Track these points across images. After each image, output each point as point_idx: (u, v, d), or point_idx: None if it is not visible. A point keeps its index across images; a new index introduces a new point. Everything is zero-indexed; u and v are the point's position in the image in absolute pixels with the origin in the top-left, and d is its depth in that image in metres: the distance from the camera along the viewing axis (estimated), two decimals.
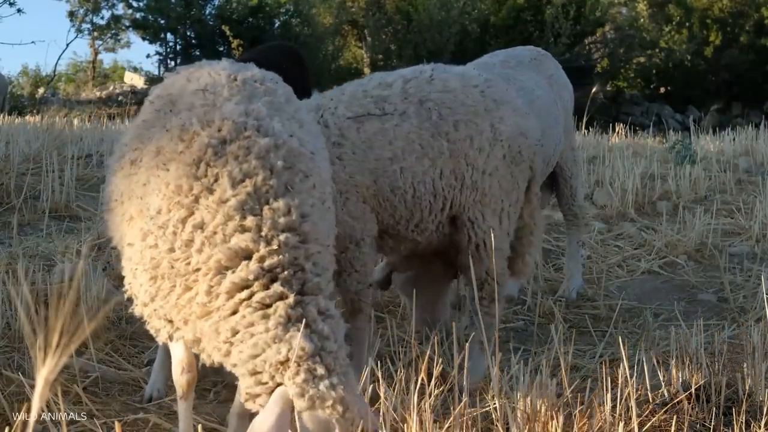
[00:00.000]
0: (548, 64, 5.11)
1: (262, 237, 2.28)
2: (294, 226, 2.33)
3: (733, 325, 4.61)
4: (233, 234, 2.28)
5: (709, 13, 23.09)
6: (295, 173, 2.43)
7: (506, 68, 4.75)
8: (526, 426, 2.66)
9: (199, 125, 2.44)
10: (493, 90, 3.72)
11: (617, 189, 7.43)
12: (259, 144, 2.40)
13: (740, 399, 3.03)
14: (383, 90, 3.58)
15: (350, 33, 24.63)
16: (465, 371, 2.70)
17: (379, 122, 3.47)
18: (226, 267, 2.28)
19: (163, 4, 23.06)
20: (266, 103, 2.59)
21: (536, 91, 4.74)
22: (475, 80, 3.73)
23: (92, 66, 28.23)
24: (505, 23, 21.47)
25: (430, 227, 3.59)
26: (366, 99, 3.54)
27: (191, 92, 2.63)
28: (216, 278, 2.27)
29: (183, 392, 2.74)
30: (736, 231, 6.68)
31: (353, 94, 3.57)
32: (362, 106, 3.51)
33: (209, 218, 2.30)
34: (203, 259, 2.29)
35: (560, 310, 4.84)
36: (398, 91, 3.56)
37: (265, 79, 2.78)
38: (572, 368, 3.85)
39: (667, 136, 12.57)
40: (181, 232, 2.32)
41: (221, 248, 2.27)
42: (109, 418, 3.14)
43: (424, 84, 3.61)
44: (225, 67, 2.77)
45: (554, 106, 4.89)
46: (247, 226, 2.28)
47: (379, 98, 3.54)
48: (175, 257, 2.33)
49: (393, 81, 3.63)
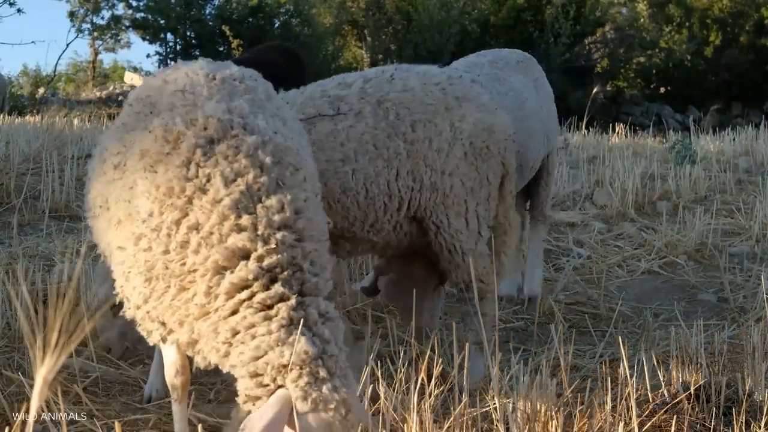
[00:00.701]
0: (534, 69, 5.10)
1: (259, 236, 2.28)
2: (289, 223, 2.33)
3: (733, 325, 4.61)
4: (230, 234, 2.28)
5: (709, 13, 23.10)
6: (285, 167, 2.43)
7: (494, 68, 4.73)
8: (526, 426, 2.65)
9: (183, 125, 2.43)
10: (455, 87, 3.64)
11: (617, 189, 7.43)
12: (247, 142, 2.39)
13: (740, 399, 3.02)
14: (341, 90, 3.55)
15: (350, 33, 24.64)
16: (465, 371, 2.70)
17: (331, 123, 3.42)
18: (224, 267, 2.27)
19: (163, 4, 23.07)
20: (248, 101, 2.59)
21: (524, 93, 4.72)
22: (437, 78, 3.65)
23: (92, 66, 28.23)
24: (505, 23, 21.48)
25: (386, 227, 3.53)
26: (322, 99, 3.51)
27: (170, 93, 2.61)
28: (215, 279, 2.27)
29: (177, 395, 2.74)
30: (736, 231, 6.68)
31: (311, 95, 3.55)
32: (316, 107, 3.48)
33: (204, 219, 2.30)
34: (200, 260, 2.29)
35: (560, 309, 4.84)
36: (356, 90, 3.52)
37: (245, 77, 2.78)
38: (572, 368, 3.84)
39: (667, 136, 12.57)
40: (175, 233, 2.32)
41: (218, 248, 2.27)
42: (109, 418, 3.14)
43: (384, 84, 3.55)
44: (202, 67, 2.76)
45: (540, 109, 4.86)
46: (243, 225, 2.28)
47: (336, 98, 3.50)
48: (170, 258, 2.33)
49: (353, 81, 3.59)
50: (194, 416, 3.13)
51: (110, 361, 3.76)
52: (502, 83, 4.60)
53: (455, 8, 21.11)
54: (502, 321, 4.76)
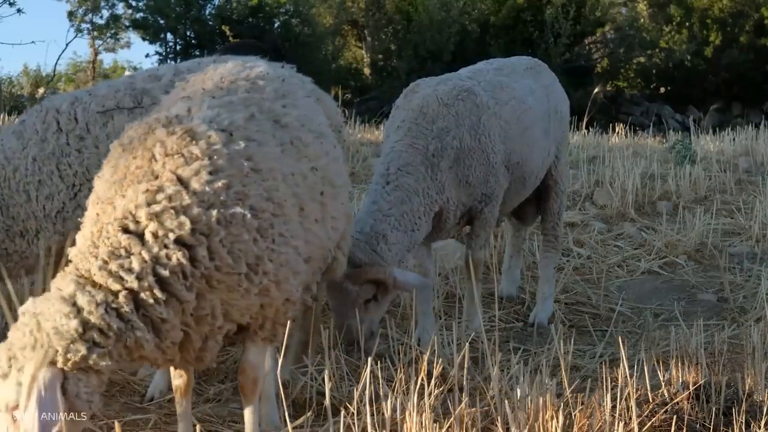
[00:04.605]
0: (545, 75, 5.07)
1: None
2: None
3: (733, 325, 4.61)
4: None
5: (709, 13, 23.06)
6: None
7: (500, 76, 4.70)
8: (526, 426, 2.65)
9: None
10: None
11: (617, 189, 7.43)
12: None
13: (740, 399, 3.02)
14: (149, 83, 3.57)
15: (350, 33, 24.60)
16: (465, 372, 2.70)
17: (131, 116, 3.42)
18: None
19: (162, 4, 23.03)
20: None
21: (528, 100, 4.67)
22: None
23: (92, 66, 28.19)
24: (505, 23, 21.44)
25: None
26: (126, 92, 3.54)
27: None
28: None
29: (179, 396, 2.77)
30: (736, 231, 6.68)
31: (115, 87, 3.59)
32: (116, 99, 3.52)
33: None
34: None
35: (560, 309, 4.84)
36: (165, 83, 3.52)
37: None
38: (572, 368, 3.85)
39: (667, 136, 12.56)
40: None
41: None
42: (109, 418, 3.14)
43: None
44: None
45: (545, 117, 4.81)
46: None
47: (142, 91, 3.53)
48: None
49: (164, 73, 3.61)
50: (194, 416, 3.13)
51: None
52: (505, 91, 4.56)
53: (455, 8, 21.08)
54: (502, 321, 4.76)
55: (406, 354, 3.72)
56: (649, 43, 23.14)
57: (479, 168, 4.29)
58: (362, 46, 24.12)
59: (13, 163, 3.46)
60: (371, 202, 4.11)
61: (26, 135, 3.50)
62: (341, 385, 3.45)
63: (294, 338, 3.57)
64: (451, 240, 5.45)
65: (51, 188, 3.43)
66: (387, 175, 4.15)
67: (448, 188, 4.22)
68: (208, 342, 2.50)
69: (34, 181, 3.44)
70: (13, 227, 3.45)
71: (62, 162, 3.44)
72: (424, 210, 4.14)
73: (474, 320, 4.34)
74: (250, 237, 2.45)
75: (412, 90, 4.49)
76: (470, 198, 4.33)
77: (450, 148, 4.21)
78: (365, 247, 3.93)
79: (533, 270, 5.53)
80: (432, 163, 4.17)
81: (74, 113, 3.50)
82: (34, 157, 3.45)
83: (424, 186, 4.14)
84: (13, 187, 3.44)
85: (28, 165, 3.44)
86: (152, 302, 2.33)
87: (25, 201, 3.44)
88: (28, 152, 3.46)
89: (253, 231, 2.46)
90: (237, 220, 2.43)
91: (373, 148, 9.04)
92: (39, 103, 3.70)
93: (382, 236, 3.99)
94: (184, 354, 2.49)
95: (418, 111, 4.29)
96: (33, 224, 3.46)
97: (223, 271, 2.41)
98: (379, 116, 12.55)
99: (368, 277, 3.88)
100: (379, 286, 3.93)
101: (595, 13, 22.40)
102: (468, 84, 4.45)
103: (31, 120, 3.54)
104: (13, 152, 3.47)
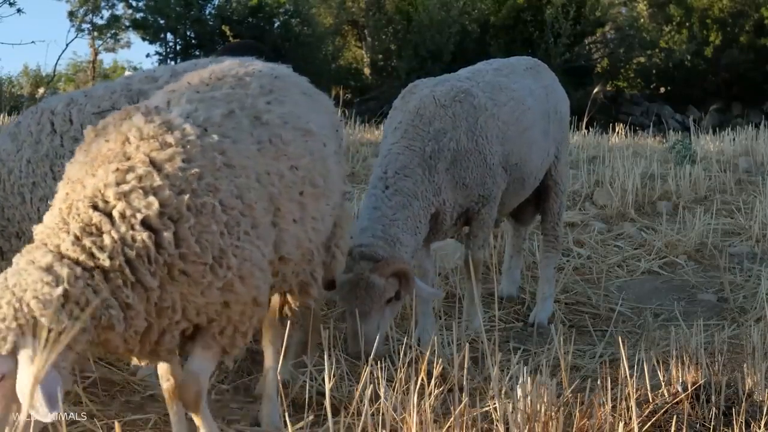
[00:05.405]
0: (545, 75, 5.05)
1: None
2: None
3: (733, 325, 4.62)
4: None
5: (709, 13, 23.06)
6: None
7: (499, 76, 4.68)
8: (526, 426, 2.65)
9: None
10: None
11: (617, 189, 7.43)
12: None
13: (740, 399, 3.02)
14: (145, 84, 3.55)
15: (350, 33, 24.59)
16: (465, 372, 2.70)
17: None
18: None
19: (162, 4, 23.02)
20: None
21: (527, 101, 4.66)
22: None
23: (92, 66, 28.19)
24: (505, 23, 21.44)
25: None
26: (122, 93, 3.51)
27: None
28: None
29: (169, 399, 2.79)
30: (736, 231, 6.68)
31: (111, 88, 3.57)
32: (112, 100, 3.49)
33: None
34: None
35: (560, 309, 4.84)
36: (162, 84, 3.46)
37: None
38: (572, 368, 3.85)
39: (667, 136, 12.56)
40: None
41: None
42: (109, 419, 3.14)
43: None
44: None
45: (545, 117, 4.80)
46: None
47: (138, 93, 3.50)
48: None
49: (160, 75, 3.59)
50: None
51: (110, 362, 3.76)
52: (503, 92, 4.55)
53: (455, 8, 21.07)
54: (502, 321, 4.76)
55: (406, 354, 3.72)
56: (649, 43, 23.13)
57: (476, 170, 4.28)
58: (362, 46, 24.12)
59: (7, 165, 3.44)
60: (373, 208, 4.07)
61: (21, 137, 3.49)
62: (341, 385, 3.46)
63: (294, 338, 3.57)
64: (450, 240, 5.45)
65: (45, 190, 3.39)
66: (385, 179, 4.12)
67: (444, 190, 4.20)
68: (165, 336, 2.48)
69: (28, 183, 3.41)
70: (9, 228, 3.44)
71: (56, 164, 3.40)
72: (423, 213, 4.13)
73: (474, 320, 4.34)
74: (218, 229, 2.45)
75: (410, 91, 4.47)
76: (467, 199, 4.32)
77: (447, 150, 4.20)
78: (385, 245, 3.91)
79: (533, 270, 5.52)
80: (429, 165, 4.16)
81: (69, 114, 3.48)
82: (29, 159, 3.43)
83: (422, 189, 4.12)
84: (8, 189, 3.42)
85: (23, 167, 3.42)
86: (121, 283, 2.33)
87: (20, 203, 3.42)
88: (22, 154, 3.44)
89: (221, 224, 2.46)
90: (207, 210, 2.43)
91: (373, 148, 9.04)
92: (36, 105, 3.68)
93: (396, 239, 3.97)
94: (142, 346, 2.48)
95: (414, 112, 4.27)
96: (28, 226, 3.44)
97: (189, 260, 2.40)
98: (379, 116, 12.55)
99: (394, 268, 3.85)
100: (401, 281, 3.90)
101: (595, 13, 22.40)
102: (466, 85, 4.43)
103: (26, 121, 3.53)
104: (8, 154, 3.46)
